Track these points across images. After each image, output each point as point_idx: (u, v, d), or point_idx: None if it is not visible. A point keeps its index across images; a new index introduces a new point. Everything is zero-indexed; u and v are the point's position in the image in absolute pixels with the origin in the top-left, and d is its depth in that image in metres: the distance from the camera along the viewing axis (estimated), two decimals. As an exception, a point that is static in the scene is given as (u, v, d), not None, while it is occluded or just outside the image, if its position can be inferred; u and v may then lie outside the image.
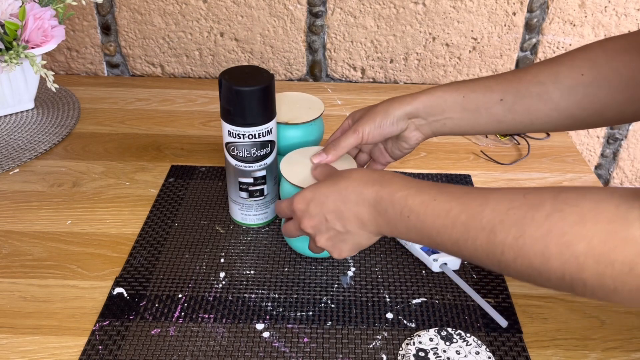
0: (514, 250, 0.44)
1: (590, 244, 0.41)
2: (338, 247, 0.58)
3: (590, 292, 0.42)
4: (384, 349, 0.58)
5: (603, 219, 0.41)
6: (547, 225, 0.43)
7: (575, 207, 0.42)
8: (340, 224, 0.56)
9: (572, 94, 0.61)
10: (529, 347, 0.59)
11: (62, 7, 0.90)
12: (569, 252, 0.41)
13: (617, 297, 0.41)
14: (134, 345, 0.58)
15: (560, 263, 0.42)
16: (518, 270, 0.45)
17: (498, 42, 1.08)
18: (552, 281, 0.44)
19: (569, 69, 0.61)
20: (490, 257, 0.46)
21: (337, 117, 0.99)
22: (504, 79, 0.64)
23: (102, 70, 1.14)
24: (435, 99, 0.66)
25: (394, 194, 0.53)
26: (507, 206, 0.46)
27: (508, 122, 0.65)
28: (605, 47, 0.61)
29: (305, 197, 0.58)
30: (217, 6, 1.06)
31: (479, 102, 0.64)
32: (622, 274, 0.40)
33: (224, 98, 0.65)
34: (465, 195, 0.49)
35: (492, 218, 0.46)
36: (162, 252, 0.69)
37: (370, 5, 1.05)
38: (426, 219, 0.50)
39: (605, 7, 1.04)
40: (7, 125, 0.93)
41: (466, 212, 0.48)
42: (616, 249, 0.40)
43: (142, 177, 0.83)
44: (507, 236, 0.45)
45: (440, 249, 0.51)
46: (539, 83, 0.62)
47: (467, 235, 0.47)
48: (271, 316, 0.61)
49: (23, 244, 0.70)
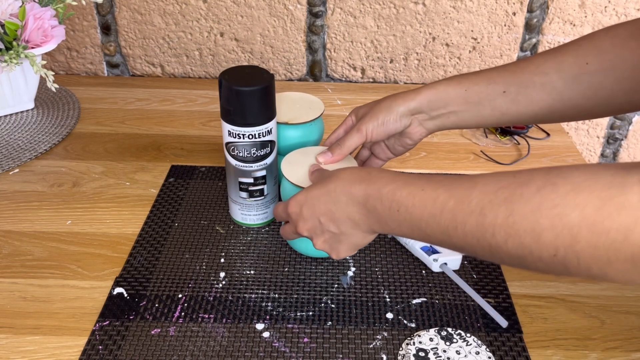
0: (505, 230, 0.43)
1: (583, 213, 0.39)
2: (335, 248, 0.58)
3: (585, 267, 0.40)
4: (384, 349, 0.58)
5: (598, 187, 0.39)
6: (538, 199, 0.41)
7: (569, 178, 0.41)
8: (334, 225, 0.56)
9: (576, 83, 0.60)
10: (529, 347, 0.59)
11: (62, 7, 0.90)
12: (561, 223, 0.40)
13: (611, 270, 0.39)
14: (134, 345, 0.58)
15: (553, 237, 0.40)
16: (510, 253, 0.44)
17: (498, 42, 1.08)
18: (544, 260, 0.42)
19: (573, 57, 0.60)
20: (481, 241, 0.45)
21: (337, 117, 0.99)
22: (507, 70, 0.64)
23: (102, 70, 1.14)
24: (438, 93, 0.65)
25: (382, 189, 0.52)
26: (496, 187, 0.44)
27: (512, 113, 0.64)
28: (611, 34, 0.59)
29: (299, 200, 0.58)
30: (217, 6, 1.06)
31: (482, 95, 0.64)
32: (617, 243, 0.38)
33: (224, 98, 0.65)
34: (452, 182, 0.48)
35: (480, 200, 0.45)
36: (162, 252, 0.69)
37: (370, 5, 1.05)
38: (414, 210, 0.49)
39: (605, 7, 1.04)
40: (7, 125, 0.93)
41: (454, 198, 0.47)
42: (611, 216, 0.38)
43: (142, 177, 0.83)
44: (496, 216, 0.43)
45: (432, 240, 0.50)
46: (542, 73, 0.61)
47: (455, 222, 0.46)
48: (271, 316, 0.61)
49: (23, 244, 0.70)
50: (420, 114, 0.66)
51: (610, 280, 0.41)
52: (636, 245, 0.38)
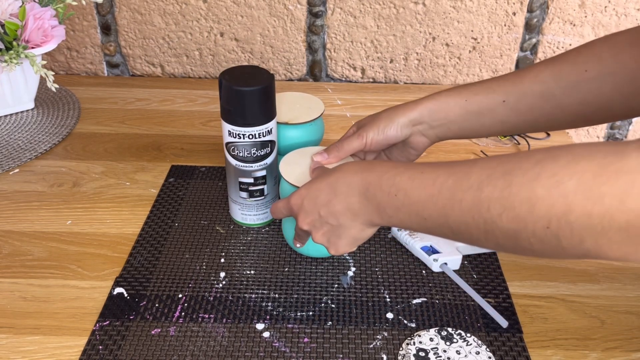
0: (500, 203, 0.43)
1: (581, 180, 0.39)
2: (334, 242, 0.58)
3: (578, 239, 0.40)
4: (384, 349, 0.58)
5: (599, 156, 0.39)
6: (537, 170, 0.41)
7: (570, 151, 0.41)
8: (333, 217, 0.56)
9: (575, 90, 0.61)
10: (529, 347, 0.59)
11: (62, 7, 0.90)
12: (557, 191, 0.40)
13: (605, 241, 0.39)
14: (134, 345, 0.58)
15: (547, 206, 0.40)
16: (504, 229, 0.44)
17: (498, 42, 1.08)
18: (537, 234, 0.42)
19: (571, 65, 0.61)
20: (476, 218, 0.45)
21: (337, 117, 0.99)
22: (506, 80, 0.64)
23: (102, 70, 1.14)
24: (439, 104, 0.66)
25: (382, 176, 0.52)
26: (496, 162, 0.45)
27: (512, 122, 0.64)
28: (610, 42, 0.60)
29: (301, 194, 0.58)
30: (217, 6, 1.06)
31: (482, 105, 0.64)
32: (612, 209, 0.38)
33: (224, 98, 0.65)
34: (454, 164, 0.49)
35: (479, 175, 0.45)
36: (162, 252, 0.69)
37: (370, 5, 1.05)
38: (413, 192, 0.50)
39: (605, 7, 1.04)
40: (7, 125, 0.93)
41: (454, 176, 0.47)
42: (608, 181, 0.38)
43: (142, 177, 0.83)
44: (494, 189, 0.43)
45: (429, 226, 0.50)
46: (541, 82, 0.62)
47: (453, 200, 0.46)
48: (271, 316, 0.61)
49: (23, 244, 0.70)
50: (421, 124, 0.67)
51: (603, 255, 0.40)
52: (631, 211, 0.38)
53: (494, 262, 0.69)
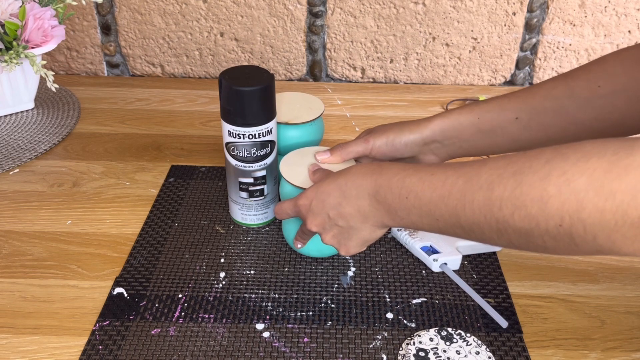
0: (512, 202, 0.43)
1: (591, 177, 0.39)
2: (344, 244, 0.58)
3: (591, 235, 0.40)
4: (384, 349, 0.58)
5: (609, 152, 0.39)
6: (547, 168, 0.41)
7: (579, 148, 0.41)
8: (343, 220, 0.56)
9: (589, 106, 0.60)
10: (529, 347, 0.59)
11: (62, 7, 0.90)
12: (568, 189, 0.40)
13: (618, 237, 0.39)
14: (134, 345, 0.58)
15: (559, 204, 0.41)
16: (517, 228, 0.44)
17: (498, 42, 1.08)
18: (550, 232, 0.42)
19: (584, 81, 0.61)
20: (488, 217, 0.45)
21: (337, 117, 0.99)
22: (517, 97, 0.64)
23: (102, 70, 1.14)
24: (451, 122, 0.65)
25: (392, 178, 0.52)
26: (506, 162, 0.45)
27: (524, 139, 0.64)
28: (621, 57, 0.60)
29: (308, 196, 0.58)
30: (217, 6, 1.06)
31: (494, 122, 0.64)
32: (624, 205, 0.38)
33: (224, 98, 0.65)
34: (463, 164, 0.49)
35: (489, 175, 0.45)
36: (162, 252, 0.69)
37: (370, 5, 1.05)
38: (424, 194, 0.50)
39: (605, 7, 1.04)
40: (7, 125, 0.93)
41: (464, 177, 0.47)
42: (619, 178, 0.38)
43: (142, 177, 0.83)
44: (505, 189, 0.44)
45: (440, 225, 0.50)
46: (554, 98, 0.62)
47: (464, 200, 0.47)
48: (271, 316, 0.61)
49: (23, 244, 0.70)
50: (433, 143, 0.66)
51: (617, 250, 0.40)
52: None
53: (494, 262, 0.69)
